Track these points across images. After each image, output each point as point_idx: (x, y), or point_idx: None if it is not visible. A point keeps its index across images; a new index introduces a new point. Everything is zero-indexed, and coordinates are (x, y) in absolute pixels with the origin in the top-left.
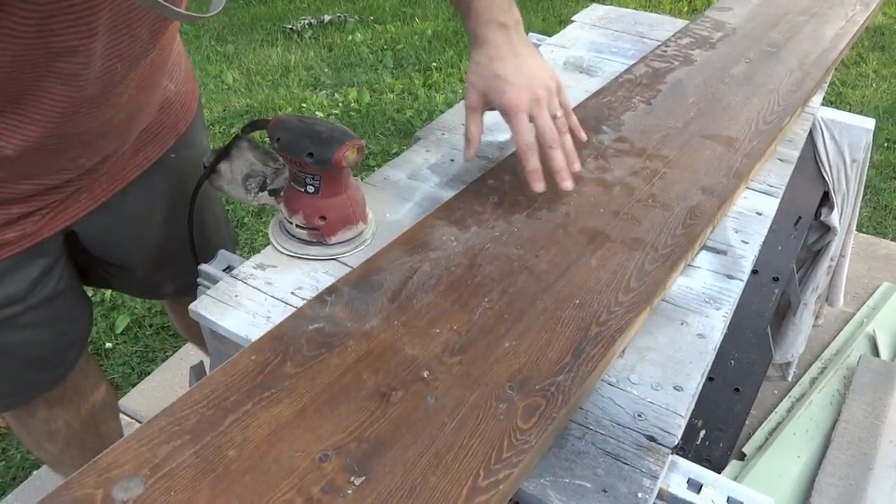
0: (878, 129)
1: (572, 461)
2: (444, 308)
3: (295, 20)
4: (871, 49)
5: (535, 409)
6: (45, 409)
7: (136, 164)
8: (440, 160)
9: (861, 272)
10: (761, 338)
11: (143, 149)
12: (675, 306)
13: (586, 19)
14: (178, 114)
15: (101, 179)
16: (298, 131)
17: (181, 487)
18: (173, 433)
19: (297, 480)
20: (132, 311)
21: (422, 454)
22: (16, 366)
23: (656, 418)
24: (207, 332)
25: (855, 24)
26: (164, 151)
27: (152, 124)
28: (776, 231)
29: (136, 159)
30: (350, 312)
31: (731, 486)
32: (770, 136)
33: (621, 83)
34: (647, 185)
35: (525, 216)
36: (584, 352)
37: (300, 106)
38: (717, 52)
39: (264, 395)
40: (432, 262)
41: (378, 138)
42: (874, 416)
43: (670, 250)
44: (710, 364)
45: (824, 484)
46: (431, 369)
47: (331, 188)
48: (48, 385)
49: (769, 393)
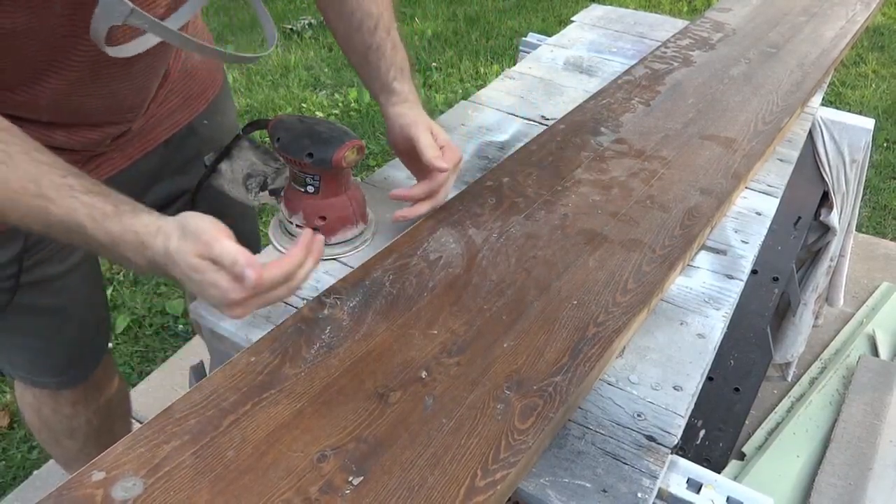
0: (878, 129)
1: (572, 461)
2: (443, 309)
3: (295, 20)
4: (871, 49)
5: (533, 410)
6: (69, 405)
7: (166, 128)
8: None
9: (861, 272)
10: (761, 338)
11: (173, 113)
12: (675, 306)
13: (586, 19)
14: (206, 81)
15: (132, 140)
16: (298, 131)
17: (180, 487)
18: (173, 434)
19: (296, 480)
20: (132, 311)
21: (420, 454)
22: (72, 332)
23: (656, 418)
24: (207, 333)
25: (855, 25)
26: (194, 116)
27: (180, 90)
28: (776, 231)
29: (167, 122)
30: (349, 313)
31: (731, 486)
32: (769, 136)
33: (620, 84)
34: (646, 186)
35: (523, 217)
36: (581, 352)
37: (300, 106)
38: (717, 52)
39: (263, 396)
40: (431, 264)
41: (378, 138)
42: (873, 416)
43: (668, 251)
44: (710, 364)
45: (824, 484)
46: (429, 370)
47: (331, 188)
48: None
49: (769, 393)
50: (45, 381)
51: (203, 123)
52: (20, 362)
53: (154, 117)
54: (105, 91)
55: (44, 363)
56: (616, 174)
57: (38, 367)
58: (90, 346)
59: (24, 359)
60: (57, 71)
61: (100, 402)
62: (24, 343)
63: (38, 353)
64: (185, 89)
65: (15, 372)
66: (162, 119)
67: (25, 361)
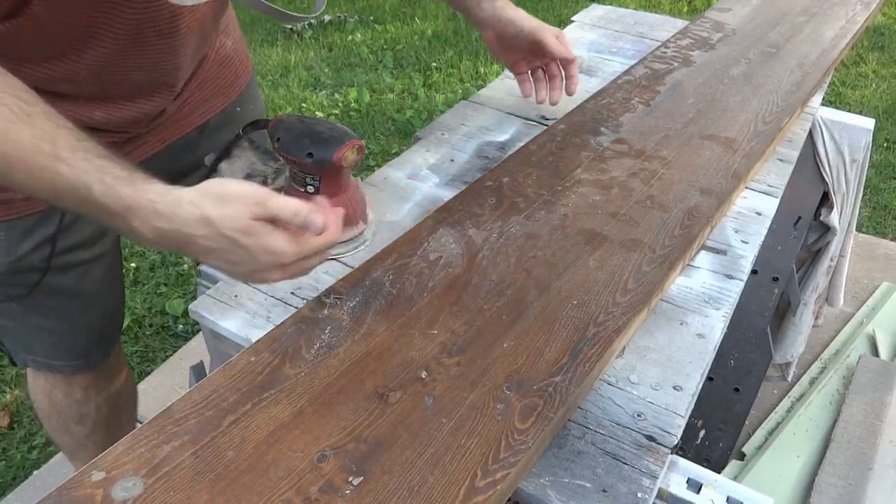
0: (878, 129)
1: (572, 461)
2: (443, 309)
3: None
4: (871, 49)
5: (533, 410)
6: (82, 390)
7: (201, 114)
8: (440, 160)
9: (861, 272)
10: (761, 338)
11: (209, 99)
12: (675, 306)
13: (586, 19)
14: (238, 69)
15: (166, 123)
16: (298, 131)
17: (180, 487)
18: (173, 434)
19: (296, 480)
20: (132, 311)
21: (420, 454)
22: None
23: (656, 418)
24: (208, 333)
25: (855, 24)
26: (227, 103)
27: (214, 77)
28: (776, 231)
29: (202, 108)
30: (349, 313)
31: (731, 486)
32: (769, 136)
33: (620, 85)
34: (646, 186)
35: (523, 217)
36: (581, 352)
37: (300, 106)
38: (717, 52)
39: (263, 396)
40: (431, 264)
41: (378, 138)
42: (874, 416)
43: (668, 251)
44: (710, 364)
45: (824, 484)
46: (429, 370)
47: (331, 188)
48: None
49: (769, 393)
50: (62, 364)
51: (237, 110)
52: (39, 346)
53: (189, 103)
54: (145, 64)
55: (63, 346)
56: (616, 174)
57: (58, 349)
58: (108, 332)
59: (44, 341)
60: (100, 39)
61: (110, 391)
62: (47, 325)
63: (61, 335)
64: (219, 77)
65: (30, 357)
66: (196, 106)
67: (45, 344)
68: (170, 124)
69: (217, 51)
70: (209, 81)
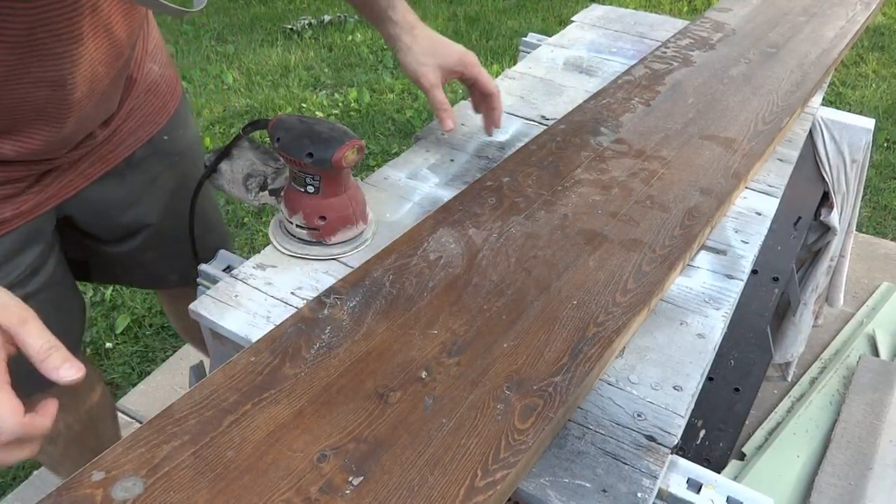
0: (878, 129)
1: (572, 461)
2: (443, 309)
3: (295, 20)
4: (871, 49)
5: (533, 410)
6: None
7: (128, 145)
8: (440, 160)
9: (861, 272)
10: (761, 338)
11: (135, 130)
12: (675, 306)
13: (586, 19)
14: (166, 94)
15: (90, 158)
16: (298, 131)
17: (180, 487)
18: (173, 434)
19: (296, 481)
20: (132, 311)
21: (420, 454)
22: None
23: (656, 418)
24: (207, 333)
25: (855, 25)
26: (155, 132)
27: (142, 105)
28: (776, 231)
29: (130, 139)
30: (349, 313)
31: (731, 486)
32: (769, 136)
33: (620, 85)
34: (646, 186)
35: (523, 217)
36: (581, 352)
37: (300, 106)
38: (717, 52)
39: (263, 396)
40: (431, 264)
41: (378, 138)
42: (874, 416)
43: (668, 251)
44: (710, 364)
45: (824, 484)
46: (430, 370)
47: (331, 188)
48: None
49: (769, 393)
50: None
51: (163, 139)
52: None
53: (119, 133)
54: (49, 77)
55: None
56: (616, 174)
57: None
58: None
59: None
60: None
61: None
62: None
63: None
64: (146, 105)
65: None
66: (125, 137)
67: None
68: (97, 158)
69: (144, 77)
70: (137, 110)
